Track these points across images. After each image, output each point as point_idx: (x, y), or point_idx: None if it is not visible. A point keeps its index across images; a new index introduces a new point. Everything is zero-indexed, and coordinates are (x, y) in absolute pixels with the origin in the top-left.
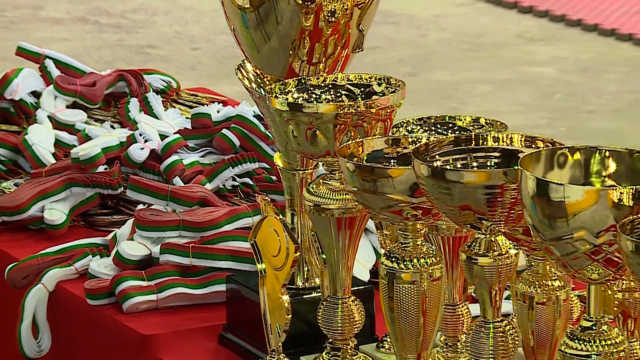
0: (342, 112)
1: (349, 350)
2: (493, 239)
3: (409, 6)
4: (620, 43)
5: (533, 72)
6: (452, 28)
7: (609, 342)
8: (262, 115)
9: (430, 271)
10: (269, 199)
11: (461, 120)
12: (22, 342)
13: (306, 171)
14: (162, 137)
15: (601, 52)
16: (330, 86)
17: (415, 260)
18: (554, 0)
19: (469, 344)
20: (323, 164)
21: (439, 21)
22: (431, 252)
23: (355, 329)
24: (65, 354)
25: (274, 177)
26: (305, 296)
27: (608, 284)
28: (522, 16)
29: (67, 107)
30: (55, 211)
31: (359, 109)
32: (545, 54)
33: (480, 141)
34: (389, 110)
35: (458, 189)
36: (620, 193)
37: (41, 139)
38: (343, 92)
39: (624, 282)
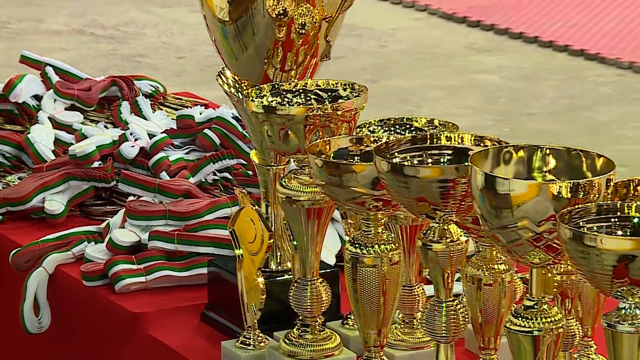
0: (311, 114)
1: (317, 327)
2: (446, 227)
3: (370, 20)
4: (557, 53)
5: (480, 79)
6: (408, 40)
7: (549, 320)
8: (240, 117)
9: (389, 256)
10: (246, 192)
11: (417, 121)
12: (24, 319)
13: (279, 167)
14: (151, 136)
15: (540, 61)
16: (300, 91)
17: (376, 247)
18: (499, 15)
19: (424, 321)
20: (294, 160)
21: (396, 34)
22: (390, 239)
23: (323, 308)
24: (63, 330)
25: (250, 172)
26: (278, 278)
27: (548, 267)
28: (471, 29)
29: (66, 109)
30: (55, 202)
31: (326, 111)
32: (490, 63)
33: (435, 140)
34: (353, 113)
35: (415, 182)
36: (559, 187)
37: (42, 137)
38: (312, 97)
39: (562, 266)
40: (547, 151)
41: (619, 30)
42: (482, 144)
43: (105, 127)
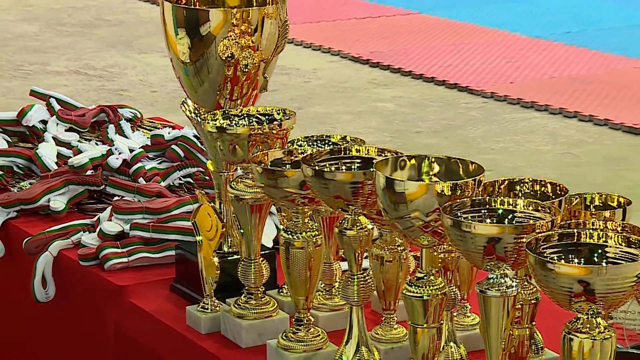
0: (253, 133)
1: (259, 295)
2: (356, 218)
3: (297, 62)
4: (437, 86)
5: (379, 106)
6: (325, 77)
7: (435, 287)
8: (199, 135)
9: (314, 240)
10: (204, 192)
11: (333, 138)
12: (34, 291)
13: (229, 173)
14: (131, 150)
15: (424, 92)
16: (245, 115)
17: (303, 233)
18: (393, 58)
19: (340, 289)
20: (240, 168)
21: (316, 72)
22: (314, 227)
23: (263, 280)
24: (65, 299)
25: (207, 177)
26: (229, 258)
27: (434, 247)
28: (372, 69)
29: (66, 130)
30: (58, 201)
31: (265, 131)
32: (387, 94)
33: (347, 152)
34: (285, 132)
35: (332, 184)
36: (442, 186)
37: (47, 152)
38: (254, 119)
39: (445, 246)
40: (432, 159)
41: (483, 69)
42: (383, 155)
43: (96, 144)
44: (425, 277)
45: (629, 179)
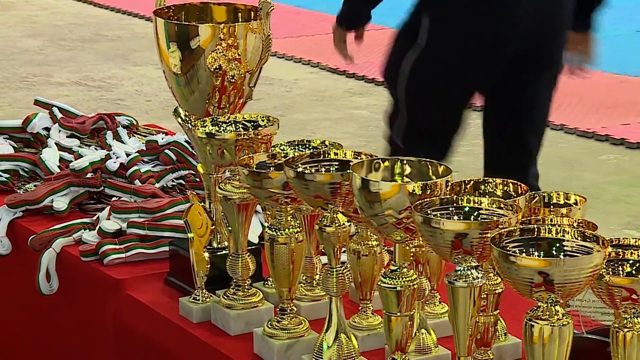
0: (239, 138)
1: (246, 286)
2: (335, 215)
3: (280, 74)
4: None
5: (355, 113)
6: (306, 87)
7: (407, 279)
8: (190, 141)
9: (296, 236)
10: (195, 193)
11: (313, 142)
12: (39, 284)
13: (218, 175)
14: (128, 154)
15: None
16: (232, 122)
17: (286, 230)
18: (368, 69)
19: (321, 281)
20: (228, 171)
21: (298, 82)
22: (297, 224)
23: (250, 273)
24: (67, 292)
25: (198, 179)
26: (218, 253)
27: (406, 242)
28: (349, 79)
29: (67, 137)
30: (60, 202)
31: (250, 136)
32: (363, 102)
33: (326, 155)
34: (269, 137)
35: (313, 185)
36: (413, 186)
37: (50, 157)
38: (240, 126)
39: (416, 241)
40: (404, 162)
41: None
42: (359, 158)
43: (95, 149)
44: (398, 270)
45: (583, 178)
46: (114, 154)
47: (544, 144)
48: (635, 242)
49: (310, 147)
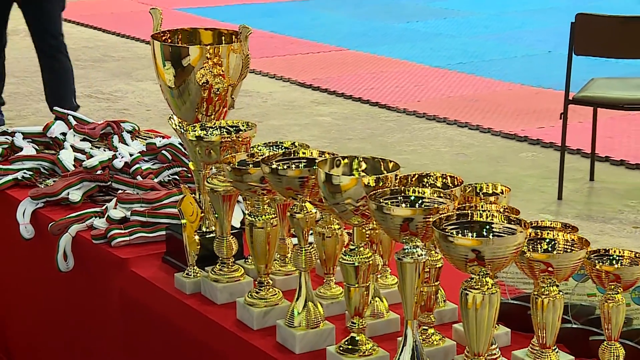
0: (224, 140)
1: (230, 264)
2: (303, 204)
3: (257, 87)
4: (363, 104)
5: (320, 119)
6: (279, 98)
7: (363, 256)
8: (182, 143)
9: (271, 222)
10: (187, 186)
11: (285, 143)
12: (58, 263)
13: (206, 171)
14: (131, 155)
15: (354, 109)
16: (218, 127)
17: (263, 216)
18: (331, 84)
19: (292, 259)
20: (215, 167)
21: (272, 94)
22: (272, 211)
23: (233, 252)
24: (81, 268)
25: (189, 175)
26: (207, 236)
27: (363, 226)
28: (314, 91)
29: (80, 140)
30: (75, 194)
31: (233, 139)
32: (326, 110)
33: (296, 154)
34: (248, 139)
35: (285, 179)
36: (368, 180)
37: (67, 157)
38: (224, 130)
39: (371, 225)
40: (360, 159)
41: (397, 91)
42: (323, 156)
43: (104, 150)
44: (356, 249)
45: (506, 172)
46: (119, 154)
47: (475, 143)
48: (550, 224)
49: (283, 148)
